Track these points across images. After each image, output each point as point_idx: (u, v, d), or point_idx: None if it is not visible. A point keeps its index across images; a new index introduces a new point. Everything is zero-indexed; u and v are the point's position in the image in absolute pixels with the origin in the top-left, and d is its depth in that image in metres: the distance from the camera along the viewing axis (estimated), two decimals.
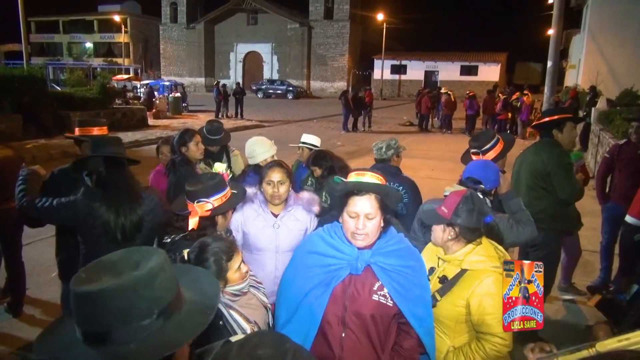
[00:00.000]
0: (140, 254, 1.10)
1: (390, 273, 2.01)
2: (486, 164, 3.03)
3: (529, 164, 3.94)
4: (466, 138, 17.71)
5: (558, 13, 11.13)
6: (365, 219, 1.97)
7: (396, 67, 46.85)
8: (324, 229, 2.21)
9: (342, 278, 2.01)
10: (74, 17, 57.43)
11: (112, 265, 1.06)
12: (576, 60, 25.59)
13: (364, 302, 1.99)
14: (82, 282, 1.02)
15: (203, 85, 49.15)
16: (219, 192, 2.33)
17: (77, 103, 16.54)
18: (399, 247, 2.09)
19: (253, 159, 3.77)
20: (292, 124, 21.64)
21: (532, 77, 49.07)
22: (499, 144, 3.42)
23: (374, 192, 2.00)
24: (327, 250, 2.07)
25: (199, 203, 2.27)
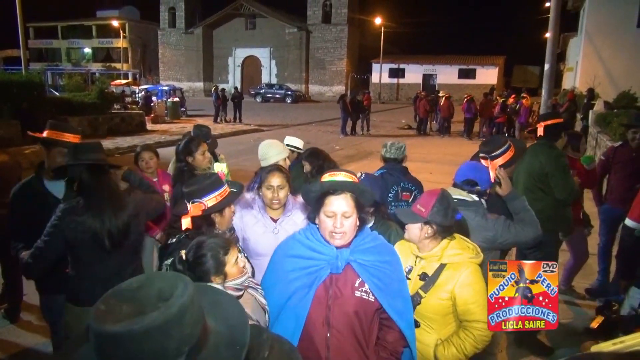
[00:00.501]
0: (162, 281, 0.99)
1: (369, 269, 2.05)
2: (477, 165, 3.03)
3: (526, 165, 3.95)
4: (464, 141, 17.81)
5: (555, 16, 11.16)
6: (342, 217, 2.00)
7: (394, 71, 46.95)
8: (299, 231, 2.24)
9: (323, 278, 2.03)
10: (73, 23, 57.56)
11: (133, 296, 0.95)
12: (573, 63, 25.67)
13: (347, 300, 2.02)
14: (104, 320, 0.90)
15: (202, 89, 49.23)
16: (214, 191, 2.36)
17: (76, 108, 16.54)
18: (375, 244, 2.14)
19: (266, 161, 3.75)
20: (291, 128, 21.65)
21: (530, 80, 49.20)
22: (509, 151, 3.35)
23: (350, 191, 2.03)
24: (306, 253, 2.10)
25: (194, 203, 2.32)
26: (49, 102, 15.88)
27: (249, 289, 2.06)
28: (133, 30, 55.15)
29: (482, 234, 2.69)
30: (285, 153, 3.86)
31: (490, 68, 44.40)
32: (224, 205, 2.39)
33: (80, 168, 2.65)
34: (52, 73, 39.16)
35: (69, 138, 3.10)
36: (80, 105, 16.87)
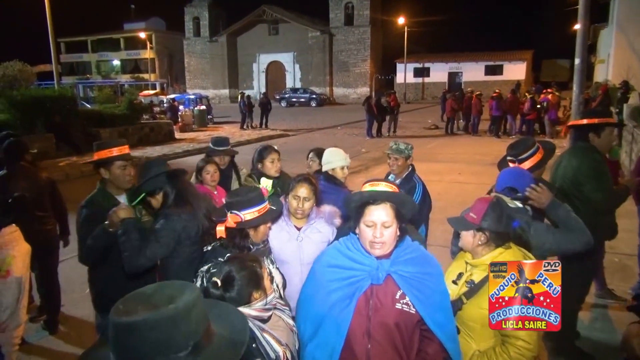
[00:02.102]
0: (173, 288, 1.15)
1: (410, 281, 2.03)
2: (518, 171, 2.96)
3: (562, 169, 3.80)
4: (493, 140, 17.47)
5: (584, 7, 10.83)
6: (382, 227, 2.01)
7: (419, 70, 46.54)
8: (340, 241, 2.23)
9: (364, 289, 2.02)
10: (101, 36, 59.18)
11: (147, 298, 1.11)
12: (605, 55, 24.92)
13: (388, 312, 2.01)
14: (122, 314, 1.06)
15: (227, 96, 49.88)
16: (254, 206, 2.38)
17: (106, 120, 17.01)
18: (416, 255, 2.12)
19: (329, 164, 3.84)
20: (317, 132, 21.70)
21: (560, 74, 47.96)
22: (537, 153, 3.24)
23: (390, 201, 2.03)
24: (347, 263, 2.10)
25: (232, 214, 2.36)
26: (81, 115, 16.40)
27: (276, 309, 2.05)
28: (159, 41, 56.31)
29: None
30: (347, 162, 3.91)
31: (517, 63, 43.52)
32: (260, 222, 2.41)
33: (157, 182, 2.85)
34: (83, 86, 40.41)
35: (121, 150, 3.16)
36: (111, 117, 17.33)
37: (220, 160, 4.44)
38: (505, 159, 3.45)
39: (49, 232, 4.52)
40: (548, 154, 3.35)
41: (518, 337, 2.17)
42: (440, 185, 9.84)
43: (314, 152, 4.33)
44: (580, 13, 10.90)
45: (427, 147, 16.44)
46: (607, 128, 3.71)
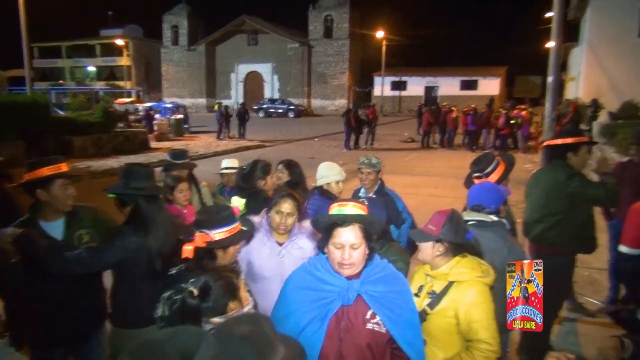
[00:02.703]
0: (189, 338, 1.05)
1: (380, 300, 2.04)
2: (484, 187, 3.06)
3: (543, 187, 3.84)
4: (468, 153, 17.74)
5: (557, 27, 11.18)
6: (350, 249, 2.00)
7: (396, 84, 47.17)
8: (308, 262, 2.22)
9: (334, 310, 2.02)
10: (77, 42, 58.28)
11: (158, 349, 1.01)
12: (576, 73, 25.67)
13: (359, 332, 2.01)
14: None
15: (204, 106, 49.56)
16: (225, 226, 2.30)
17: (80, 128, 16.68)
18: (385, 274, 2.13)
19: (324, 179, 3.82)
20: (294, 144, 21.70)
21: (532, 90, 49.15)
22: (500, 166, 3.41)
23: (358, 222, 2.03)
24: (317, 285, 2.09)
25: (201, 233, 2.28)
26: (54, 122, 16.01)
27: None
28: (136, 49, 55.76)
29: (499, 255, 2.66)
30: (342, 176, 3.89)
31: (492, 79, 44.55)
32: (230, 242, 2.34)
33: (132, 196, 2.72)
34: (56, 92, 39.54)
35: (59, 168, 2.82)
36: (85, 125, 17.00)
37: (180, 174, 4.25)
38: (471, 177, 3.52)
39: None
40: (509, 166, 3.48)
41: (481, 340, 2.24)
42: (417, 198, 9.92)
43: (282, 164, 4.32)
44: (554, 33, 11.25)
45: (403, 160, 16.61)
46: (583, 147, 3.81)
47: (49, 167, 2.78)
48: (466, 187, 3.65)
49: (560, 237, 3.69)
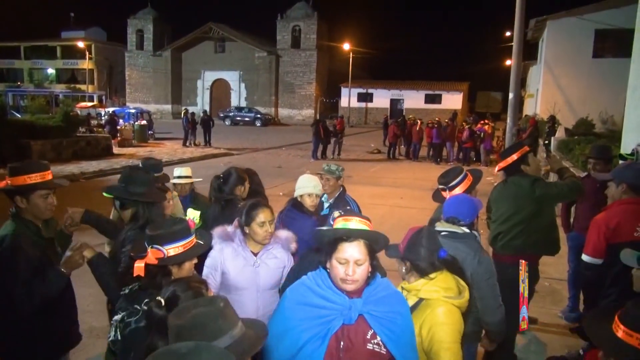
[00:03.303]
0: (209, 354, 1.07)
1: (382, 320, 2.00)
2: (460, 200, 3.09)
3: (510, 200, 3.94)
4: (433, 166, 18.14)
5: (517, 46, 11.64)
6: (355, 265, 1.97)
7: (363, 95, 47.74)
8: (309, 277, 2.15)
9: (335, 329, 1.97)
10: (36, 43, 56.31)
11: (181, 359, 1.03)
12: (534, 90, 26.69)
13: (359, 352, 1.96)
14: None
15: (170, 112, 48.77)
16: (179, 241, 2.12)
17: (39, 131, 16.09)
18: (387, 294, 2.09)
19: (302, 189, 3.75)
20: (261, 152, 21.61)
21: (493, 105, 50.90)
22: (466, 180, 3.49)
23: (363, 238, 2.00)
24: (318, 301, 2.04)
25: (154, 249, 2.09)
26: (11, 125, 15.40)
27: None
28: (99, 52, 54.39)
29: (470, 266, 2.71)
30: (316, 190, 3.81)
31: (455, 93, 45.73)
32: (185, 258, 2.16)
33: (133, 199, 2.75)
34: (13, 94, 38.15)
35: (44, 177, 2.66)
36: (44, 129, 16.41)
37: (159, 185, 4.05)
38: (439, 190, 3.61)
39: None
40: (476, 180, 3.58)
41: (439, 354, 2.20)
42: (383, 209, 10.06)
43: None
44: (514, 52, 11.70)
45: (370, 170, 16.80)
46: (528, 155, 4.00)
47: (30, 175, 2.62)
48: (435, 199, 3.75)
49: (526, 243, 3.83)
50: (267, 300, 2.83)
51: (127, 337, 2.01)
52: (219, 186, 3.84)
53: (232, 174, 3.91)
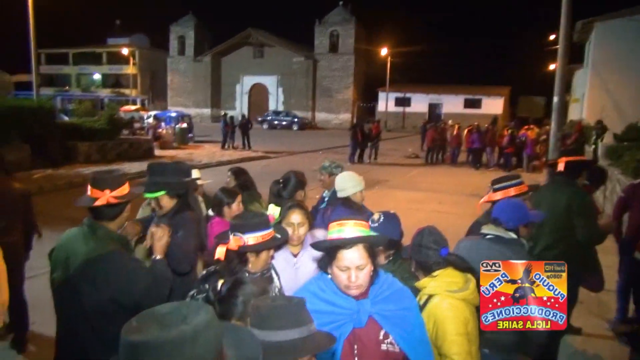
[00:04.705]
0: (189, 308, 1.13)
1: (392, 319, 1.98)
2: (508, 203, 3.04)
3: (549, 204, 3.84)
4: (472, 171, 17.76)
5: (563, 49, 11.27)
6: (357, 270, 1.92)
7: (400, 100, 47.38)
8: (311, 284, 2.12)
9: (347, 334, 1.93)
10: (84, 50, 58.69)
11: (161, 317, 1.10)
12: (579, 94, 25.83)
13: (374, 354, 1.93)
14: (133, 332, 1.06)
15: (209, 116, 49.76)
16: (259, 231, 2.33)
17: (85, 134, 16.74)
18: (393, 290, 2.07)
19: (344, 192, 3.73)
20: (298, 155, 21.71)
21: (536, 110, 49.37)
22: (510, 189, 3.34)
23: (360, 243, 1.95)
24: (325, 307, 1.98)
25: (235, 236, 2.31)
26: (59, 128, 16.06)
27: None
28: (143, 57, 56.14)
29: None
30: (361, 186, 3.78)
31: (496, 98, 44.76)
32: (263, 247, 2.35)
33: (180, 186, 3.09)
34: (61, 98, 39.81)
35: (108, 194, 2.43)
36: (90, 131, 17.04)
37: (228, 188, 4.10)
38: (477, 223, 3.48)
39: (14, 244, 4.31)
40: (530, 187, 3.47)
41: (446, 355, 2.18)
42: (422, 214, 9.90)
43: (230, 171, 4.65)
44: (560, 55, 11.33)
45: (407, 175, 16.61)
46: (583, 164, 3.84)
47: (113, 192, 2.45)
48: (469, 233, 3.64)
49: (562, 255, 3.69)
50: None
51: None
52: (278, 191, 3.84)
53: (291, 178, 3.90)
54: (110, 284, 2.30)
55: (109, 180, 2.45)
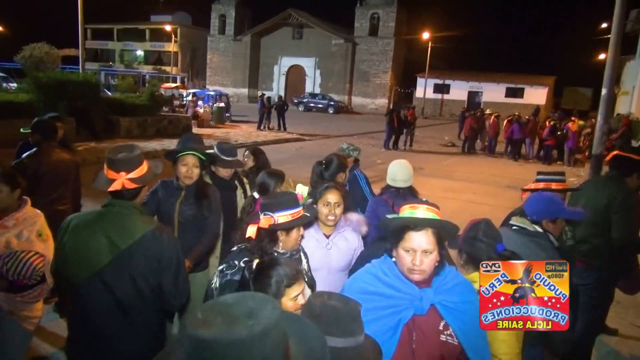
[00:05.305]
0: (254, 300, 1.08)
1: (454, 311, 1.94)
2: (537, 196, 3.00)
3: (591, 199, 3.73)
4: (510, 162, 17.35)
5: (615, 38, 10.73)
6: (422, 254, 1.90)
7: (439, 86, 46.43)
8: (374, 266, 2.10)
9: (407, 319, 1.92)
10: (128, 26, 59.85)
11: (227, 309, 1.06)
12: (629, 87, 24.70)
13: (431, 344, 1.92)
14: (199, 325, 1.01)
15: (246, 96, 50.13)
16: (289, 210, 2.35)
17: (127, 109, 17.18)
18: (457, 282, 2.03)
19: (394, 182, 3.77)
20: (333, 139, 21.67)
21: (581, 102, 47.52)
22: (552, 183, 3.32)
23: (432, 227, 1.94)
24: (386, 291, 1.98)
25: (266, 215, 2.34)
26: (103, 102, 16.54)
27: None
28: (184, 35, 56.82)
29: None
30: (410, 182, 3.79)
31: (539, 88, 43.27)
32: (293, 225, 2.37)
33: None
34: (105, 73, 40.83)
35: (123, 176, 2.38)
36: (132, 107, 17.49)
37: (227, 172, 3.97)
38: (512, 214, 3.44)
39: (64, 212, 4.52)
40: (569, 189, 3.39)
41: (494, 354, 2.14)
42: (456, 203, 9.78)
43: (249, 150, 4.61)
44: (612, 44, 10.79)
45: (443, 163, 16.38)
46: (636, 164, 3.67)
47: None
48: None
49: (598, 249, 3.64)
50: (337, 282, 2.87)
51: (222, 286, 2.26)
52: (320, 172, 3.92)
53: (333, 160, 3.97)
54: (164, 259, 2.34)
55: (126, 161, 2.36)
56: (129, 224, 2.34)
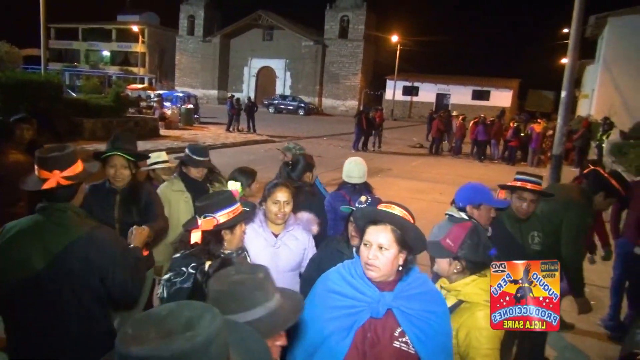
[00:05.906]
0: (190, 309, 0.98)
1: (412, 318, 1.90)
2: (465, 185, 3.10)
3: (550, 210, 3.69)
4: (476, 163, 17.71)
5: (574, 43, 11.11)
6: (377, 249, 1.89)
7: (408, 89, 47.07)
8: (344, 266, 2.10)
9: (362, 322, 1.90)
10: (93, 25, 58.49)
11: (161, 322, 0.95)
12: (589, 90, 25.59)
13: (384, 349, 1.88)
14: (130, 342, 0.89)
15: (216, 97, 49.65)
16: (227, 207, 2.30)
17: (92, 110, 16.74)
18: (422, 291, 1.98)
19: (349, 179, 3.88)
20: (303, 141, 21.66)
21: (544, 104, 49.04)
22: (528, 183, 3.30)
23: (390, 223, 1.92)
24: (348, 291, 1.97)
25: (206, 218, 2.28)
26: (66, 103, 16.07)
27: None
28: (152, 36, 55.90)
29: None
30: (364, 178, 3.94)
31: (504, 91, 44.40)
32: (236, 222, 2.33)
33: None
34: (70, 74, 39.80)
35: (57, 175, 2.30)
36: (96, 108, 17.06)
37: (198, 172, 3.86)
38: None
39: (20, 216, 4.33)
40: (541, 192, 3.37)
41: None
42: (422, 204, 9.92)
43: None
44: (570, 49, 11.16)
45: (411, 164, 16.59)
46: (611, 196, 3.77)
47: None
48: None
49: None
50: (287, 282, 2.82)
51: (171, 296, 2.17)
52: (287, 173, 3.88)
53: (300, 160, 3.96)
54: (104, 259, 2.22)
55: (58, 159, 2.24)
56: (62, 227, 2.21)
